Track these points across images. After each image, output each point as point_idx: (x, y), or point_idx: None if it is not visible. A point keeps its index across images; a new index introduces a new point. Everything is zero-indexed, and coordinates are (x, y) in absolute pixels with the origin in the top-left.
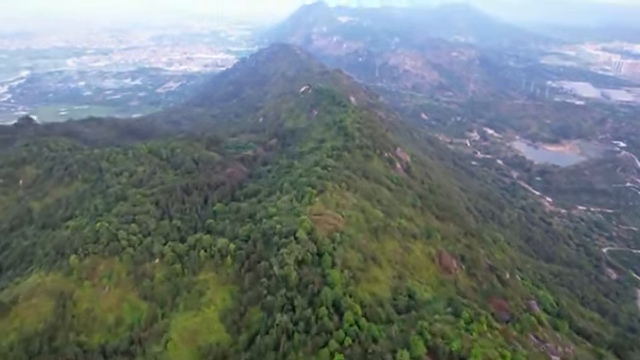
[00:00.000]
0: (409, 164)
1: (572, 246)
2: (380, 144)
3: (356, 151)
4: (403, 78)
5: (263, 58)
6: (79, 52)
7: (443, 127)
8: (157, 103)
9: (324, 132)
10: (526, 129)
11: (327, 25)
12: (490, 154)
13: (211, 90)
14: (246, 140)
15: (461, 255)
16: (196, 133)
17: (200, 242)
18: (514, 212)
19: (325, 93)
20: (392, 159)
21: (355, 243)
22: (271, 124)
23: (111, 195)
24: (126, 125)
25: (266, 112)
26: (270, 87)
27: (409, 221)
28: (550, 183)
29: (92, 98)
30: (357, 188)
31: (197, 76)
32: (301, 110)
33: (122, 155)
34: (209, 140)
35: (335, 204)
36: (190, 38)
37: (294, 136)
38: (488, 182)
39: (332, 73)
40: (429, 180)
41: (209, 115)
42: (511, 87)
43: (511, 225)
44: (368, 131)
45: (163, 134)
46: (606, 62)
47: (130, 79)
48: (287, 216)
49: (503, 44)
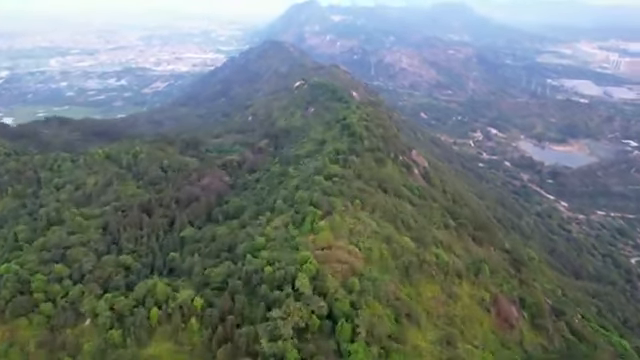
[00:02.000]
0: (427, 170)
1: (598, 257)
2: (393, 146)
3: (366, 155)
4: (400, 76)
5: (254, 56)
6: (64, 52)
7: (444, 127)
8: (142, 104)
9: (324, 132)
10: (531, 128)
11: (320, 24)
12: (496, 155)
13: (199, 89)
14: (231, 142)
15: (520, 298)
16: (171, 134)
17: (153, 293)
18: (531, 219)
19: (323, 88)
20: (408, 164)
21: (382, 292)
22: (261, 123)
23: (42, 217)
24: (94, 126)
25: (256, 110)
26: (261, 84)
27: (447, 251)
28: (563, 186)
29: (73, 99)
30: (375, 206)
31: (185, 76)
32: (296, 107)
33: (70, 162)
34: (185, 143)
35: (348, 231)
36: (180, 38)
37: (288, 136)
38: (498, 185)
39: (329, 68)
40: (449, 188)
41: (194, 115)
42: (511, 85)
43: (532, 235)
44: (378, 130)
45: (136, 136)
46: (604, 60)
47: (115, 79)
48: (281, 250)
49: (498, 43)
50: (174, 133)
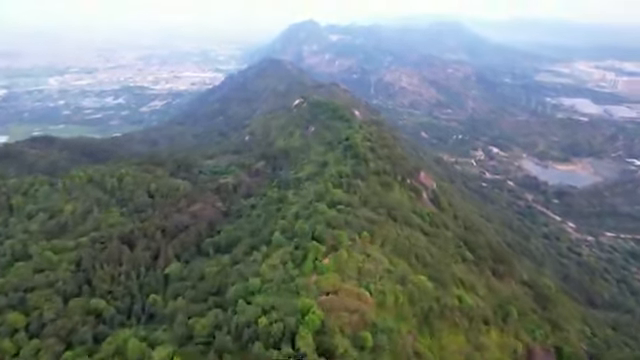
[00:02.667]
0: (436, 193)
1: (612, 282)
2: (400, 168)
3: (372, 178)
4: (399, 95)
5: (252, 74)
6: (62, 71)
7: (445, 146)
8: (139, 122)
9: (325, 153)
10: (533, 147)
11: (318, 43)
12: (499, 174)
13: (196, 108)
14: (227, 163)
15: (555, 347)
16: (163, 154)
17: (124, 350)
18: (539, 242)
19: (323, 106)
20: (417, 187)
21: (399, 346)
22: (259, 143)
23: (6, 252)
24: (83, 145)
25: (253, 130)
26: (259, 103)
27: (469, 290)
28: (570, 206)
29: (70, 117)
30: (385, 238)
31: (183, 94)
32: (295, 127)
33: (47, 187)
34: (176, 164)
35: (357, 270)
36: (179, 57)
37: (287, 158)
38: (503, 206)
39: (328, 87)
40: (460, 213)
41: (190, 134)
42: (510, 104)
43: (543, 260)
44: (383, 151)
45: (127, 156)
46: (601, 79)
47: (113, 98)
48: (279, 295)
49: (496, 62)
50: (167, 153)
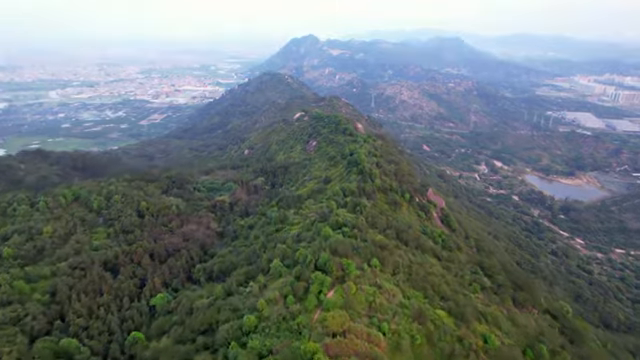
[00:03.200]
0: (446, 211)
1: (626, 303)
2: (408, 185)
3: (378, 196)
4: (400, 109)
5: (253, 88)
6: (64, 84)
7: (447, 159)
8: (139, 135)
9: (328, 168)
10: (537, 161)
11: (318, 58)
12: (504, 189)
13: (196, 121)
14: (223, 179)
15: None
16: (157, 169)
17: None
18: (548, 259)
19: (325, 120)
20: (426, 206)
21: None
22: (258, 158)
23: None
24: (76, 159)
25: (253, 143)
26: (259, 117)
27: (493, 326)
28: (577, 222)
29: (69, 130)
30: (397, 266)
31: (183, 108)
32: (295, 140)
33: (26, 205)
34: (170, 180)
35: (367, 305)
36: (180, 71)
37: (287, 173)
38: (509, 222)
39: (329, 100)
40: (471, 232)
41: (188, 148)
42: (512, 118)
43: (553, 279)
44: (390, 167)
45: (121, 171)
46: (602, 93)
47: (113, 111)
48: (278, 336)
49: (495, 76)
50: (162, 168)
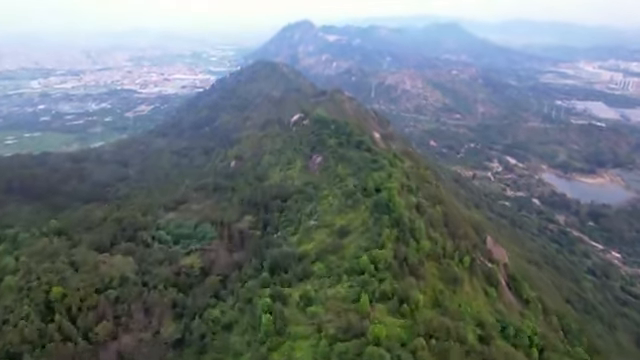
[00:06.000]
0: (510, 270)
1: None
2: (464, 238)
3: (428, 270)
4: (403, 99)
5: (244, 78)
6: (47, 73)
7: (457, 156)
8: (123, 129)
9: (344, 209)
10: (553, 157)
11: (314, 44)
12: (522, 191)
13: (183, 115)
14: (197, 217)
15: None
16: (112, 196)
17: None
18: (589, 283)
19: (332, 126)
20: (492, 273)
21: None
22: (247, 175)
23: None
24: (17, 171)
25: (241, 152)
26: (251, 112)
27: None
28: (609, 230)
29: (49, 124)
30: None
31: (173, 98)
32: (294, 153)
33: None
34: (118, 225)
35: None
36: (170, 59)
37: (285, 206)
38: (534, 233)
39: (331, 94)
40: (548, 301)
41: (169, 151)
42: (522, 108)
43: (610, 317)
44: (436, 211)
45: (70, 194)
46: (609, 80)
47: (97, 102)
48: None
49: (497, 63)
50: (123, 191)
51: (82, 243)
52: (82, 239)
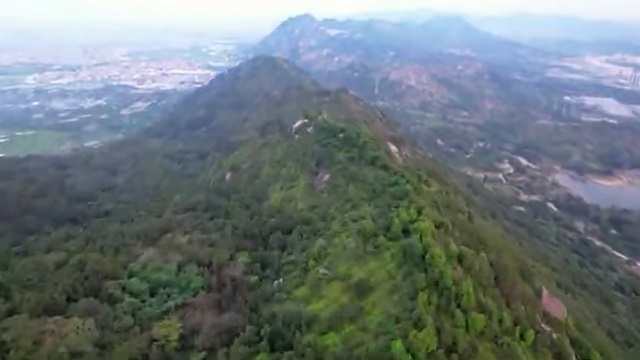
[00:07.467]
0: (573, 335)
1: None
2: (521, 301)
3: (482, 356)
4: (408, 95)
5: (244, 74)
6: (43, 68)
7: (465, 157)
8: (119, 127)
9: (362, 255)
10: (566, 157)
11: (315, 38)
12: (535, 194)
13: (180, 113)
14: (180, 256)
15: None
16: (81, 235)
17: None
18: (623, 306)
19: (340, 137)
20: (559, 346)
21: None
22: (243, 193)
23: None
24: None
25: (238, 162)
26: (250, 112)
27: None
28: (633, 239)
29: (42, 122)
30: None
31: (170, 94)
32: (297, 167)
33: None
34: (81, 275)
35: None
36: (169, 54)
37: (287, 245)
38: (554, 242)
39: (335, 94)
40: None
41: (163, 154)
42: (530, 105)
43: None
44: (482, 264)
45: (42, 219)
46: (618, 75)
47: (93, 98)
48: None
49: (502, 57)
50: (108, 205)
51: (25, 305)
52: (26, 299)
